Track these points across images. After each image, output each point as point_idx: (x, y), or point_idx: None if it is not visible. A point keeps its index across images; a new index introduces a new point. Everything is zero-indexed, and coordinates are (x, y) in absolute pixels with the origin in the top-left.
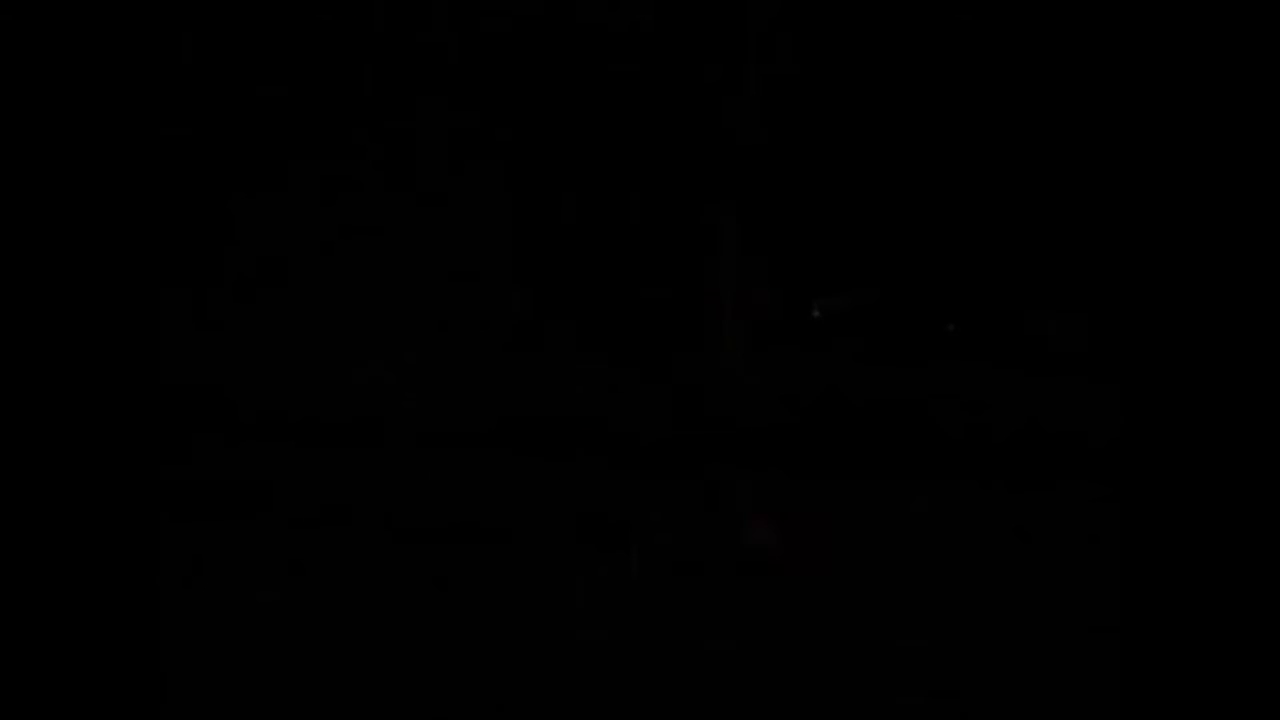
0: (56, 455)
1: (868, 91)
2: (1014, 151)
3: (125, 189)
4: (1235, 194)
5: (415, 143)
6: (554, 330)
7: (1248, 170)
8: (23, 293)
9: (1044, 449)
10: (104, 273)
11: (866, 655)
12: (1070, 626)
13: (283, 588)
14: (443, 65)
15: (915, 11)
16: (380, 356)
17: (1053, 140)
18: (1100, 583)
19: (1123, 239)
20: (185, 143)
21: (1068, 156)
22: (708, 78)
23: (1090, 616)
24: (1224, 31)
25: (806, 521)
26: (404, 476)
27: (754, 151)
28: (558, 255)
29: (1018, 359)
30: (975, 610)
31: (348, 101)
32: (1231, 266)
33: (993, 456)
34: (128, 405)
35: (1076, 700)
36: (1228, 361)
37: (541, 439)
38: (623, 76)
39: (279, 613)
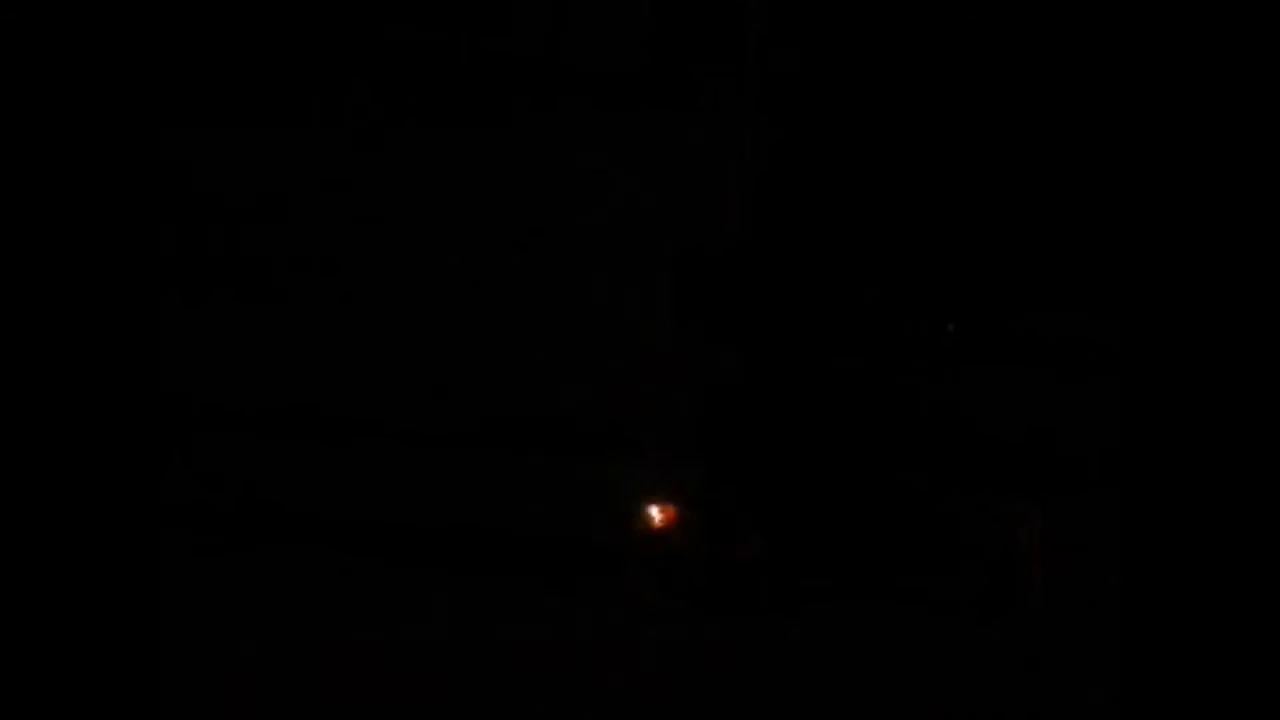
0: (52, 455)
1: (867, 89)
2: (1015, 150)
3: (123, 184)
4: (1238, 194)
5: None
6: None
7: (1251, 170)
8: (16, 291)
9: (1044, 449)
10: (101, 269)
11: (865, 656)
12: (1070, 627)
13: (282, 588)
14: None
15: (916, 7)
16: (385, 352)
17: (1055, 139)
18: (1100, 583)
19: (1125, 239)
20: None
21: (1071, 155)
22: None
23: (1090, 616)
24: (1226, 32)
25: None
26: (405, 476)
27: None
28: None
29: (1018, 358)
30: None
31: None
32: (1234, 267)
33: (992, 457)
34: (126, 403)
35: (1076, 700)
36: (1230, 362)
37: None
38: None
39: (279, 614)
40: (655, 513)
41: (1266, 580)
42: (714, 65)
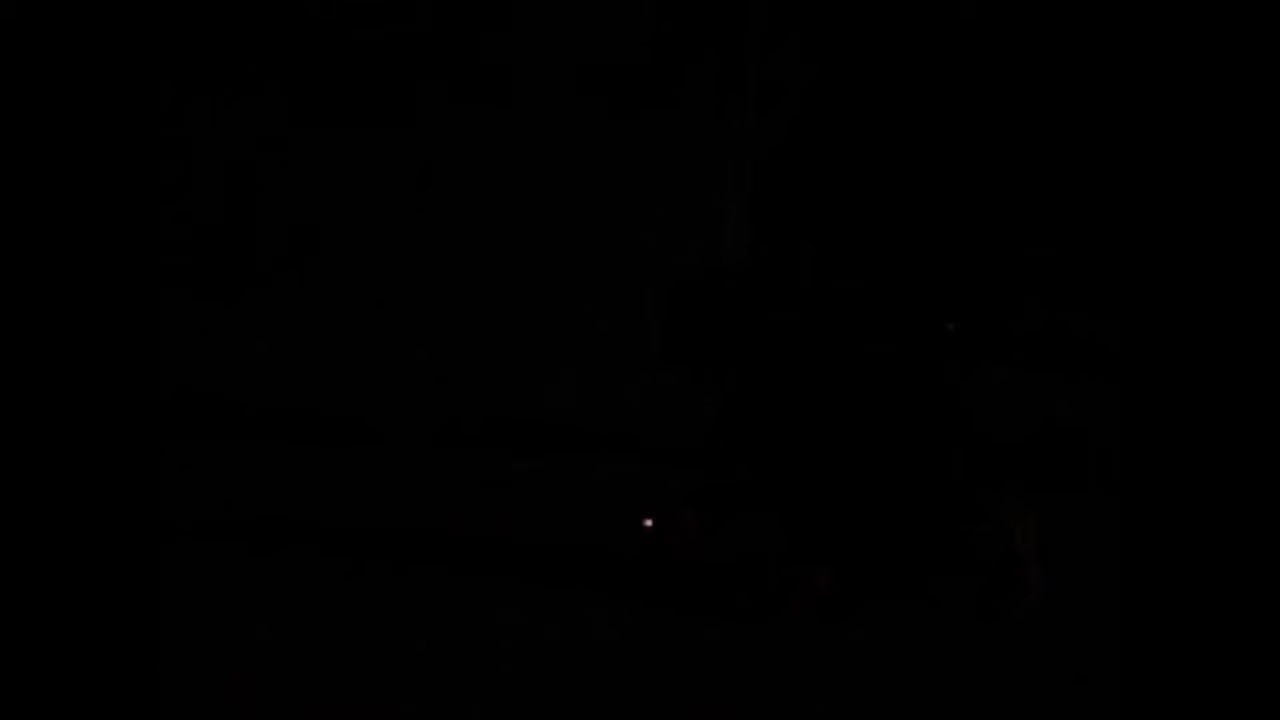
0: (50, 454)
1: (865, 87)
2: (1015, 150)
3: (123, 179)
4: (1239, 195)
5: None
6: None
7: (1251, 167)
8: (12, 287)
9: (1043, 449)
10: (101, 267)
11: (862, 656)
12: (1069, 627)
13: (284, 590)
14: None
15: (914, 6)
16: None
17: (1056, 139)
18: (1100, 583)
19: (1125, 239)
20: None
21: (1071, 156)
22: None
23: (1090, 617)
24: (1227, 30)
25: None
26: (407, 478)
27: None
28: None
29: (1017, 357)
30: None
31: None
32: (1235, 267)
33: (991, 457)
34: (125, 402)
35: (1076, 700)
36: (1231, 362)
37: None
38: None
39: (280, 615)
40: (664, 516)
41: (1267, 580)
42: (713, 66)
